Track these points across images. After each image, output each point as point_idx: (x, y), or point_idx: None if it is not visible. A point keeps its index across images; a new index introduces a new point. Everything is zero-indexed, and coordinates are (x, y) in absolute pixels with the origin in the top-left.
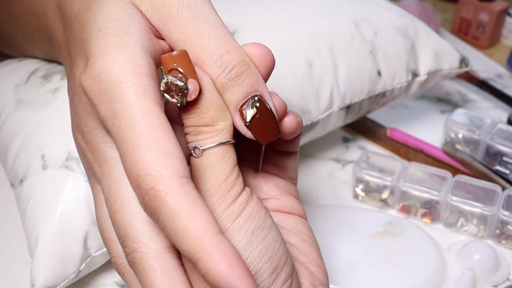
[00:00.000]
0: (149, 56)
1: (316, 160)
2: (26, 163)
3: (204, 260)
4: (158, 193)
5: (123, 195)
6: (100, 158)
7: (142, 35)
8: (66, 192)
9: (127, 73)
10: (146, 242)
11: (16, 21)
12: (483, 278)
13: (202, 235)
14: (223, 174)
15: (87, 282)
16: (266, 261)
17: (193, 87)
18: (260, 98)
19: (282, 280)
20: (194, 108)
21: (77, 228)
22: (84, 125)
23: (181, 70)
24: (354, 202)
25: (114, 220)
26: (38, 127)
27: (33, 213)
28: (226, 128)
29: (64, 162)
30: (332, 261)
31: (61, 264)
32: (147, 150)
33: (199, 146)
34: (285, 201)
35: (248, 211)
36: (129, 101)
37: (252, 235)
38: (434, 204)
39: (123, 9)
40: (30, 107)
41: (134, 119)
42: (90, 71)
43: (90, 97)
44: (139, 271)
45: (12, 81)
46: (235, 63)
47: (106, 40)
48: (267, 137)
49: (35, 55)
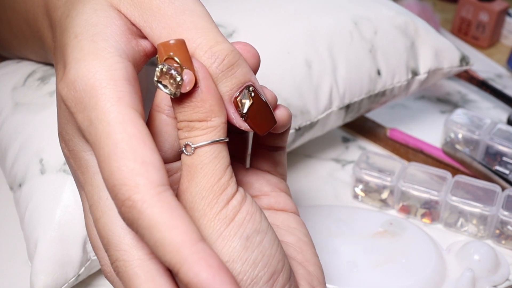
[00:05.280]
0: (126, 59)
1: (316, 160)
2: (24, 167)
3: (184, 270)
4: (134, 204)
5: (104, 203)
6: (82, 166)
7: (118, 38)
8: (65, 197)
9: (102, 80)
10: (128, 250)
11: (10, 27)
12: (483, 278)
13: (181, 244)
14: (216, 175)
15: (88, 282)
16: (262, 267)
17: (189, 78)
18: (254, 88)
19: (280, 286)
20: (188, 101)
21: (76, 233)
22: (65, 133)
23: (177, 60)
24: (354, 202)
25: (97, 228)
26: (36, 131)
27: (32, 217)
28: (221, 125)
29: (62, 167)
30: (332, 261)
31: (60, 268)
32: (122, 160)
33: (191, 143)
34: (277, 197)
35: (242, 215)
36: (103, 108)
37: (247, 240)
38: (434, 204)
39: (98, 13)
40: (28, 110)
41: (109, 127)
42: (66, 79)
43: (68, 106)
44: (123, 280)
45: (9, 83)
46: (227, 52)
47: (81, 46)
48: (264, 127)
49: (31, 58)
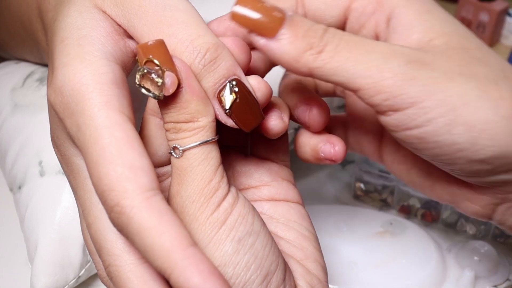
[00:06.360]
0: (113, 62)
1: None
2: (23, 169)
3: (175, 275)
4: (123, 210)
5: (96, 208)
6: (73, 171)
7: (104, 40)
8: (65, 199)
9: (88, 84)
10: (120, 254)
11: (7, 30)
12: (483, 278)
13: (171, 249)
14: (205, 178)
15: (88, 283)
16: (255, 270)
17: (171, 81)
18: (238, 81)
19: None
20: (173, 103)
21: (76, 234)
22: (56, 138)
23: (157, 62)
24: (354, 202)
25: (90, 233)
26: (35, 132)
27: (32, 220)
28: (208, 125)
29: (61, 169)
30: (332, 261)
31: (60, 270)
32: (110, 164)
33: (179, 146)
34: (278, 187)
35: (234, 217)
36: (91, 113)
37: (238, 243)
38: (434, 204)
39: (83, 15)
40: (27, 111)
41: (97, 132)
42: (53, 84)
43: (56, 111)
44: (116, 284)
45: (8, 84)
46: (208, 46)
47: (67, 51)
48: (249, 123)
49: (29, 59)
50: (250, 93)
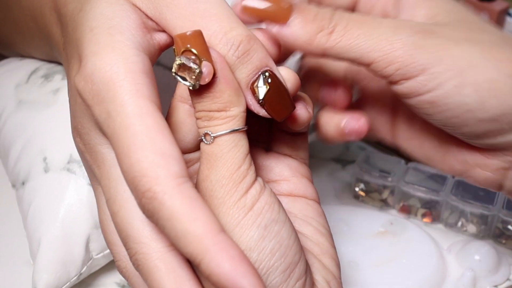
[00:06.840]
0: (142, 52)
1: (316, 160)
2: (28, 165)
3: (206, 261)
4: (155, 195)
5: (121, 196)
6: (98, 160)
7: (134, 32)
8: (68, 196)
9: (119, 72)
10: (148, 242)
11: (14, 25)
12: (483, 278)
13: (202, 235)
14: (235, 164)
15: (88, 282)
16: (279, 257)
17: (207, 70)
18: (271, 73)
19: (296, 278)
20: (207, 92)
21: (79, 232)
22: (81, 127)
23: (194, 52)
24: (354, 202)
25: (115, 222)
26: (39, 129)
27: (35, 216)
28: (240, 114)
29: (65, 165)
30: None
31: (63, 267)
32: (142, 151)
33: (211, 132)
34: (297, 183)
35: (261, 204)
36: (122, 101)
37: (265, 229)
38: (435, 204)
39: (113, 6)
40: (31, 108)
41: (128, 120)
42: (83, 72)
43: (84, 99)
44: (144, 273)
45: (12, 81)
46: (241, 38)
47: (97, 39)
48: (281, 113)
49: (35, 56)
50: (282, 84)
